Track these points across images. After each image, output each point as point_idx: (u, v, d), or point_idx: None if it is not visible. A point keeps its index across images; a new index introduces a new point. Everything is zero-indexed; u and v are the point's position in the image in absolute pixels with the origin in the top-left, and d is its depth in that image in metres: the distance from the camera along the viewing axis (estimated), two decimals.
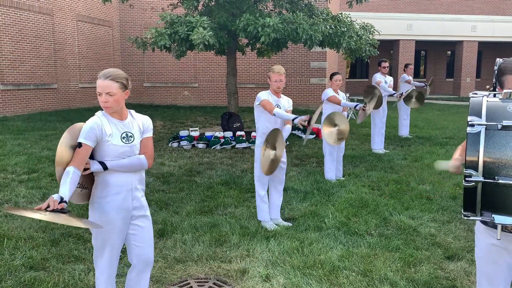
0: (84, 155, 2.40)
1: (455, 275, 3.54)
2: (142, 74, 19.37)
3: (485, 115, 1.96)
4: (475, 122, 1.94)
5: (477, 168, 1.89)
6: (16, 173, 6.64)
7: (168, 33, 9.25)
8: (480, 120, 1.95)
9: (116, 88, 2.46)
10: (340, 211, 5.03)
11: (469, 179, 1.90)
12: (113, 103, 2.46)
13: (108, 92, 2.44)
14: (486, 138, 1.91)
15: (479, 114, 1.97)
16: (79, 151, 2.40)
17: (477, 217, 1.95)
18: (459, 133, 11.00)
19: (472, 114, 1.98)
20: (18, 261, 3.70)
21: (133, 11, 18.52)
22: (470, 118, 1.97)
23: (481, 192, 1.91)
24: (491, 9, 28.23)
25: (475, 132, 1.94)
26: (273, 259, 3.81)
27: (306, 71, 18.09)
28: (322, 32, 9.53)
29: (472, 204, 1.94)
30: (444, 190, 5.90)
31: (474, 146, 1.92)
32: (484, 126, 1.93)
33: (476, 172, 1.90)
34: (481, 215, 1.94)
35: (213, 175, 6.80)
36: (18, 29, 13.80)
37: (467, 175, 1.91)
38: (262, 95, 4.44)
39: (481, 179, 1.89)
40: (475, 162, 1.90)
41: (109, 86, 2.44)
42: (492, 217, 1.91)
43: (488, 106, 1.98)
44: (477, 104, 2.00)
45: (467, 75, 25.34)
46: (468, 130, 1.95)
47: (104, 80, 2.45)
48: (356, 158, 8.00)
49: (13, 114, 13.61)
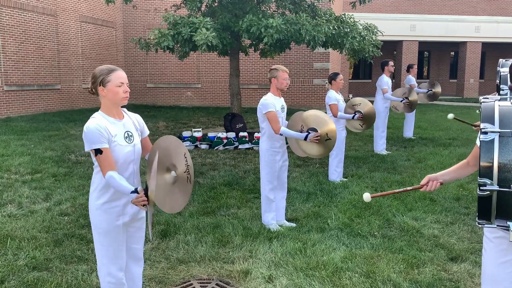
0: (110, 158, 2.37)
1: (458, 277, 3.53)
2: (145, 75, 19.40)
3: (498, 122, 1.90)
4: (489, 130, 1.89)
5: (491, 176, 1.84)
6: (19, 173, 6.66)
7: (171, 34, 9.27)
8: (493, 127, 1.89)
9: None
10: (343, 212, 5.02)
11: (484, 188, 1.85)
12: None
13: (127, 83, 2.49)
14: (500, 146, 1.85)
15: (492, 120, 1.91)
16: (102, 157, 2.35)
17: (492, 225, 1.91)
18: (463, 134, 10.97)
19: (484, 120, 1.92)
20: (21, 261, 3.71)
21: (137, 12, 18.56)
22: (483, 125, 1.90)
23: (496, 201, 1.86)
24: (495, 9, 28.15)
25: (488, 139, 1.88)
26: (276, 260, 3.80)
27: (309, 71, 18.08)
28: (325, 33, 9.52)
29: (487, 213, 1.89)
30: (448, 191, 5.88)
31: (488, 154, 1.86)
32: (497, 133, 1.87)
33: (491, 181, 1.85)
34: (496, 222, 1.90)
35: (216, 175, 6.80)
36: (22, 30, 13.85)
37: (482, 184, 1.86)
38: (269, 105, 4.28)
39: (496, 188, 1.84)
40: (490, 170, 1.85)
41: (126, 76, 2.50)
42: (508, 224, 1.87)
43: (500, 111, 1.92)
44: (490, 110, 1.94)
45: (470, 76, 25.26)
46: (481, 138, 1.89)
47: (122, 71, 2.48)
48: (359, 159, 7.98)
49: (17, 115, 13.66)
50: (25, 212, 4.97)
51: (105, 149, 2.36)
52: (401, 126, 11.80)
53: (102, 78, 2.42)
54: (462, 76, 25.57)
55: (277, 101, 4.37)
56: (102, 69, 2.46)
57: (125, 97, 2.46)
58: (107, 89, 2.42)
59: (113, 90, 2.42)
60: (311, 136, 4.24)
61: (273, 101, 4.33)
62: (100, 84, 2.43)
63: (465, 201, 5.50)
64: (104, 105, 2.48)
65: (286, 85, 4.38)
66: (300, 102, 17.73)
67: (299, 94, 18.17)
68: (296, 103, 17.78)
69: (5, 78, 13.27)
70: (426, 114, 15.69)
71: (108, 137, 2.39)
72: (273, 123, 4.29)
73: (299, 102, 17.70)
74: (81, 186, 6.07)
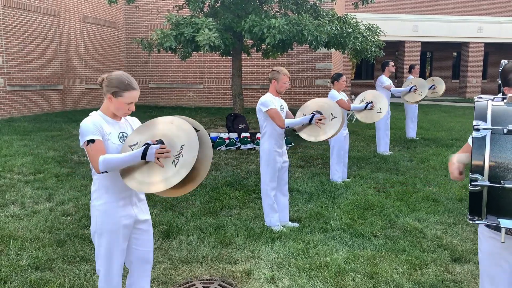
0: (102, 148, 2.35)
1: (461, 278, 3.52)
2: (147, 75, 19.42)
3: (490, 120, 1.95)
4: (481, 126, 1.94)
5: (482, 172, 1.89)
6: (22, 173, 6.67)
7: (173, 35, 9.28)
8: (486, 124, 1.95)
9: None
10: (346, 213, 5.01)
11: (475, 183, 1.90)
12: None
13: (136, 101, 2.50)
14: (492, 143, 1.91)
15: (485, 118, 1.96)
16: (94, 147, 2.32)
17: (482, 221, 1.95)
18: (465, 135, 10.94)
19: (477, 118, 1.97)
20: (24, 262, 3.71)
21: (139, 12, 18.58)
22: (476, 122, 1.96)
23: (487, 197, 1.91)
24: (498, 10, 28.08)
25: (480, 136, 1.93)
26: (278, 260, 3.80)
27: (312, 72, 18.07)
28: (328, 33, 9.52)
29: (478, 209, 1.94)
30: (451, 192, 5.87)
31: (480, 151, 1.91)
32: (489, 130, 1.93)
33: (482, 177, 1.89)
34: (487, 219, 1.94)
35: (218, 176, 6.80)
36: (25, 30, 13.88)
37: (473, 180, 1.90)
38: (269, 102, 4.30)
39: (487, 183, 1.89)
40: (481, 166, 1.90)
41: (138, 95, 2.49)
42: (498, 221, 1.91)
43: (493, 110, 1.98)
44: (482, 108, 2.00)
45: (473, 77, 25.20)
46: (473, 134, 1.95)
47: (138, 90, 2.46)
48: (362, 160, 7.97)
49: (19, 115, 13.69)
50: (27, 212, 4.98)
51: (98, 140, 2.35)
52: (403, 127, 11.78)
53: (117, 90, 2.41)
54: (464, 76, 25.51)
55: (276, 101, 4.38)
56: (122, 81, 2.42)
57: (128, 113, 2.49)
58: (116, 101, 2.42)
59: (120, 104, 2.43)
60: (316, 117, 4.25)
61: (272, 99, 4.34)
62: (112, 93, 2.42)
63: (468, 202, 5.48)
64: (105, 107, 2.49)
65: (285, 89, 4.41)
66: (302, 103, 17.69)
67: (301, 94, 18.17)
68: (298, 103, 17.76)
69: (8, 79, 13.30)
70: (428, 115, 15.67)
71: (102, 133, 2.40)
72: (276, 119, 4.29)
73: (301, 102, 17.67)
74: (83, 186, 6.07)
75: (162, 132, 2.39)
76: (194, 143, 2.27)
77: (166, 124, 2.41)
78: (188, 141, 2.29)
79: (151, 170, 2.31)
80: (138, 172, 2.35)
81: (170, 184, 2.23)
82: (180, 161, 2.26)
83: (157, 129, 2.41)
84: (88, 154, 2.35)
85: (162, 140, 2.32)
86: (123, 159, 2.29)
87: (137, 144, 2.39)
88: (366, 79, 28.69)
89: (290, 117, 4.53)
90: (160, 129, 2.41)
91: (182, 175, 2.22)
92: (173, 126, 2.39)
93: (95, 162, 2.31)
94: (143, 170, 2.34)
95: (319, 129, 4.38)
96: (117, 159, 2.29)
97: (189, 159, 2.24)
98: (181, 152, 2.28)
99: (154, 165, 2.31)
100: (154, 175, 2.29)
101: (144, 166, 2.34)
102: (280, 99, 4.46)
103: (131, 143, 2.43)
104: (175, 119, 2.42)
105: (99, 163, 2.30)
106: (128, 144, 2.44)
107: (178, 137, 2.33)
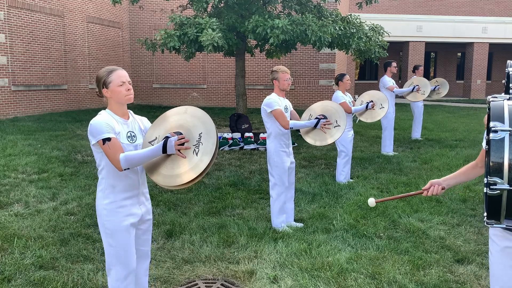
0: (119, 144, 2.37)
1: (465, 279, 3.51)
2: (151, 76, 19.46)
3: (508, 120, 1.87)
4: (499, 128, 1.85)
5: (502, 175, 1.81)
6: (26, 173, 6.70)
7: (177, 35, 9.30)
8: (504, 125, 1.86)
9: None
10: (349, 213, 5.01)
11: (494, 187, 1.82)
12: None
13: (129, 81, 2.49)
14: (511, 145, 1.83)
15: (502, 119, 1.87)
16: (112, 145, 2.33)
17: (501, 224, 1.89)
18: (469, 135, 10.90)
19: (494, 119, 1.88)
20: (28, 260, 3.73)
21: (143, 12, 18.63)
22: (493, 123, 1.87)
23: (507, 200, 1.83)
24: (502, 10, 27.97)
25: (498, 138, 1.84)
26: (281, 260, 3.80)
27: (315, 72, 18.05)
28: (331, 34, 9.51)
29: (497, 212, 1.87)
30: (454, 193, 5.85)
31: (498, 153, 1.83)
32: (508, 132, 1.84)
33: (502, 180, 1.81)
34: (505, 222, 1.88)
35: (221, 176, 6.80)
36: (29, 30, 13.94)
37: (492, 183, 1.83)
38: (274, 103, 4.28)
39: (506, 187, 1.81)
40: (500, 169, 1.82)
41: (127, 75, 2.50)
42: None
43: (510, 110, 1.89)
44: (499, 109, 1.91)
45: (477, 77, 25.10)
46: (491, 136, 1.86)
47: (122, 70, 2.49)
48: (365, 160, 7.96)
49: (24, 115, 13.75)
50: (31, 211, 5.00)
51: (114, 138, 2.37)
52: (407, 127, 11.77)
53: (103, 80, 2.45)
54: (469, 77, 25.41)
55: (281, 101, 4.37)
56: (103, 71, 2.48)
57: (128, 95, 2.47)
58: (110, 90, 2.45)
59: (115, 90, 2.44)
60: (322, 122, 4.24)
61: (277, 100, 4.34)
62: (103, 86, 2.46)
63: (471, 203, 5.47)
64: (111, 106, 2.50)
65: (288, 85, 4.38)
66: (306, 103, 17.68)
67: (304, 95, 18.15)
68: (302, 104, 17.75)
69: (13, 78, 13.36)
70: (432, 115, 15.62)
71: (114, 131, 2.41)
72: (281, 120, 4.28)
73: (304, 103, 17.66)
74: (87, 185, 6.09)
75: (178, 123, 2.43)
76: (211, 129, 2.31)
77: (181, 115, 2.45)
78: (205, 128, 2.34)
79: (175, 163, 2.35)
80: (163, 167, 2.39)
81: (199, 170, 2.27)
82: (201, 149, 2.30)
83: (172, 120, 2.46)
84: (107, 153, 2.36)
85: (181, 132, 2.35)
86: (145, 155, 2.32)
87: (156, 139, 2.43)
88: (370, 79, 28.63)
89: (294, 117, 4.53)
90: (175, 120, 2.45)
91: (206, 162, 2.26)
92: (187, 116, 2.43)
93: (116, 160, 2.34)
94: (167, 164, 2.38)
95: (324, 134, 4.39)
96: (139, 155, 2.33)
97: (209, 145, 2.28)
98: (200, 140, 2.32)
99: (177, 158, 2.35)
100: (180, 167, 2.33)
101: (167, 160, 2.38)
102: (285, 99, 4.46)
103: (150, 139, 2.46)
104: (188, 108, 2.46)
105: (121, 161, 2.33)
106: (147, 140, 2.48)
107: (195, 126, 2.37)
